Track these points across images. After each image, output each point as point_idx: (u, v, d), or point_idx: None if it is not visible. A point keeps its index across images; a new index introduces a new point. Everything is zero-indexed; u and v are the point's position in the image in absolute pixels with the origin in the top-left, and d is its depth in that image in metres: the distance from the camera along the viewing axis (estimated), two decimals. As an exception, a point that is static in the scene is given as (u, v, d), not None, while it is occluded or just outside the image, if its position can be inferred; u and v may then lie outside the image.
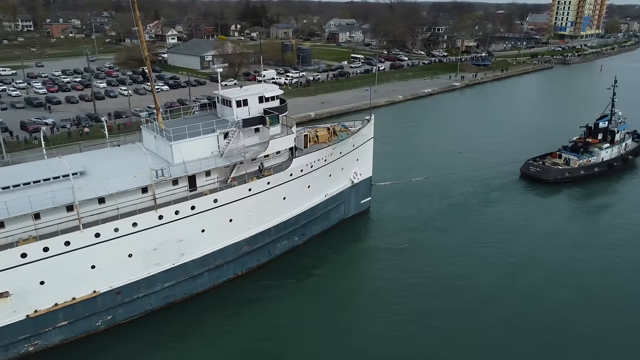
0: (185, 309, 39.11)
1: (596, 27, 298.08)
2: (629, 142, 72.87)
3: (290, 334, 36.52)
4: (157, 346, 35.30)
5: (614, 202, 61.97)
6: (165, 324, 37.52)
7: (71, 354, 34.44)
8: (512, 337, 36.18)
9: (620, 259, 46.84)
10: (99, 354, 34.59)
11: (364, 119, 54.20)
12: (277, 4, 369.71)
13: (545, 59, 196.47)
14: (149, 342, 35.77)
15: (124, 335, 36.40)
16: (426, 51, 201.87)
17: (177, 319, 38.13)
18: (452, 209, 57.01)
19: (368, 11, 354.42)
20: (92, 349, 34.89)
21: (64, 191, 33.05)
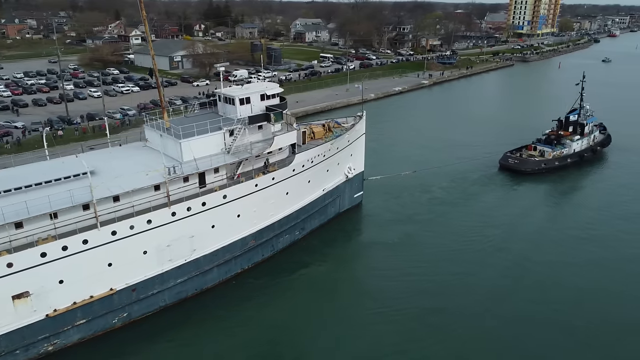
0: (197, 305, 39.74)
1: (551, 25, 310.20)
2: (597, 134, 77.49)
3: (294, 328, 37.36)
4: (171, 342, 35.74)
5: (589, 189, 66.28)
6: (179, 320, 38.05)
7: (89, 353, 34.62)
8: (510, 330, 37.18)
9: (600, 240, 50.38)
10: (116, 351, 34.90)
11: (356, 115, 55.90)
12: (240, 4, 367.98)
13: (507, 57, 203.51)
14: (164, 337, 36.16)
15: (139, 331, 36.79)
16: (393, 50, 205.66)
17: (191, 314, 38.70)
18: (438, 202, 59.26)
19: (331, 11, 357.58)
20: (109, 347, 35.17)
21: (81, 190, 33.28)
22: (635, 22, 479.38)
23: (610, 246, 49.31)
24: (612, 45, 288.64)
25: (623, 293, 41.62)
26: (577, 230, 52.73)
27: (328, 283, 43.33)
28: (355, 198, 56.97)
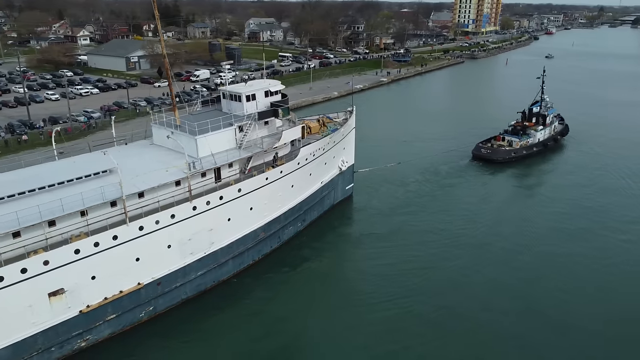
0: (215, 297, 40.93)
1: (494, 24, 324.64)
2: (556, 125, 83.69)
3: (295, 322, 38.52)
4: (195, 333, 36.84)
5: (555, 174, 71.92)
6: (199, 312, 39.12)
7: (119, 348, 35.27)
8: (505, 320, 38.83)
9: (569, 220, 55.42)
10: (143, 345, 35.65)
11: (346, 110, 58.30)
12: (187, 3, 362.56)
13: (457, 54, 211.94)
14: (187, 330, 37.21)
15: (163, 325, 37.67)
16: (348, 49, 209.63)
17: (208, 306, 39.80)
18: (423, 192, 62.75)
19: (281, 10, 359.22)
20: (137, 341, 35.92)
21: (107, 187, 33.91)
22: (568, 21, 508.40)
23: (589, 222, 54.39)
24: (550, 42, 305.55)
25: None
26: (554, 213, 57.57)
27: (329, 277, 44.63)
28: (347, 190, 59.41)
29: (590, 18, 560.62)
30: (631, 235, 51.63)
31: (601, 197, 61.88)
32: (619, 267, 45.82)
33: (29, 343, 31.27)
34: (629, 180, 67.60)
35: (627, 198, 61.88)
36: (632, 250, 48.74)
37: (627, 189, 64.72)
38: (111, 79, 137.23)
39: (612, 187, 65.07)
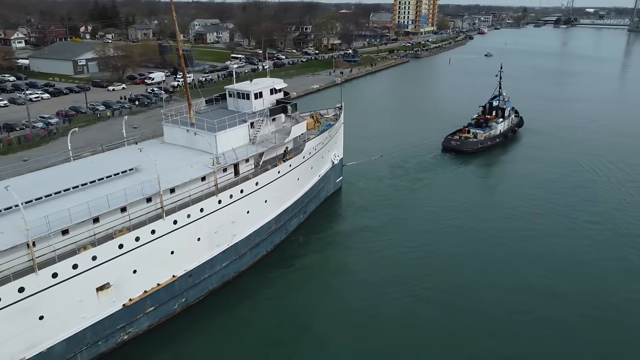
0: (236, 287, 42.69)
1: (431, 24, 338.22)
2: (513, 117, 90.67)
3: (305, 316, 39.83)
4: (224, 323, 38.43)
5: (518, 161, 78.56)
6: (225, 303, 40.76)
7: (157, 339, 36.44)
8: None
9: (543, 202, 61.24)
10: (179, 336, 36.96)
11: (335, 106, 61.26)
12: (124, 4, 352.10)
13: (402, 54, 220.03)
14: (218, 319, 38.86)
15: (194, 316, 39.10)
16: (298, 50, 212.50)
17: (231, 297, 41.45)
18: (404, 183, 66.76)
19: (222, 11, 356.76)
20: (173, 333, 37.18)
21: (144, 183, 35.07)
22: (497, 21, 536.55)
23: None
24: (484, 42, 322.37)
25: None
26: (525, 195, 63.41)
27: (334, 270, 46.49)
28: (337, 183, 62.43)
29: (517, 18, 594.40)
30: (591, 212, 58.21)
31: (561, 180, 68.71)
32: (588, 240, 51.72)
33: (80, 337, 32.03)
34: (582, 163, 75.55)
35: (580, 177, 69.91)
36: (596, 224, 55.06)
37: (581, 171, 72.50)
38: (60, 83, 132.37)
39: (570, 172, 72.24)
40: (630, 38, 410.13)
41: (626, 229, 53.90)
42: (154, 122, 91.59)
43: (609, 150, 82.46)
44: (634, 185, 66.53)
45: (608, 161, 76.28)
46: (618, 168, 73.24)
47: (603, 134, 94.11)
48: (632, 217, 56.74)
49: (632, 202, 61.22)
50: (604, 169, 72.98)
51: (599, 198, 62.46)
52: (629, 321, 38.62)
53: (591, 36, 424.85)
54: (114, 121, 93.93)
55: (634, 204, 60.58)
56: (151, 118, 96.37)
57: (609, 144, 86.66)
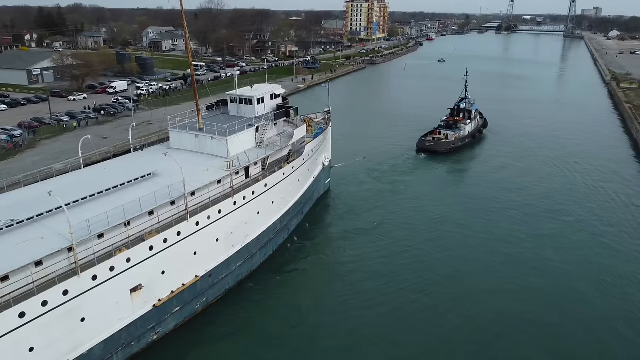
0: (251, 286, 44.22)
1: (382, 31, 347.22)
2: (479, 119, 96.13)
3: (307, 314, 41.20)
4: (245, 319, 39.91)
5: (489, 159, 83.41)
6: (241, 300, 42.22)
7: (183, 337, 37.51)
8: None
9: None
10: (202, 335, 38.21)
11: (323, 111, 63.68)
12: (69, 12, 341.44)
13: (359, 60, 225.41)
14: (237, 317, 40.23)
15: (213, 315, 40.34)
16: (257, 57, 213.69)
17: (247, 295, 42.99)
18: (387, 183, 69.43)
19: (173, 18, 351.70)
20: (196, 331, 38.36)
21: (170, 187, 36.24)
22: (443, 28, 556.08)
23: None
24: (433, 48, 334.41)
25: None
26: (502, 190, 68.27)
27: (333, 271, 47.27)
28: (326, 184, 64.76)
29: (461, 25, 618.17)
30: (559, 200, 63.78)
31: (529, 174, 74.26)
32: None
33: (116, 338, 32.80)
34: (542, 158, 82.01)
35: (543, 171, 75.79)
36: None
37: (544, 166, 78.42)
38: (15, 94, 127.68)
39: (536, 167, 77.97)
40: (566, 43, 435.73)
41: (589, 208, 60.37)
42: (123, 132, 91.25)
43: (561, 145, 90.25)
44: (585, 174, 74.46)
45: (562, 155, 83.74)
46: (573, 162, 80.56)
47: (555, 131, 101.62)
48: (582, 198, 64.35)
49: (582, 187, 68.66)
50: (562, 163, 79.99)
51: (563, 188, 68.92)
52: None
53: (531, 42, 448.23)
54: (81, 132, 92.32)
55: (585, 189, 68.06)
56: (119, 128, 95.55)
57: (561, 139, 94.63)
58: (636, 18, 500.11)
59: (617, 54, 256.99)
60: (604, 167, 77.73)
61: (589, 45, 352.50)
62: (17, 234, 30.29)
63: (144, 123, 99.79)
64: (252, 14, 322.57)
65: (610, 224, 57.21)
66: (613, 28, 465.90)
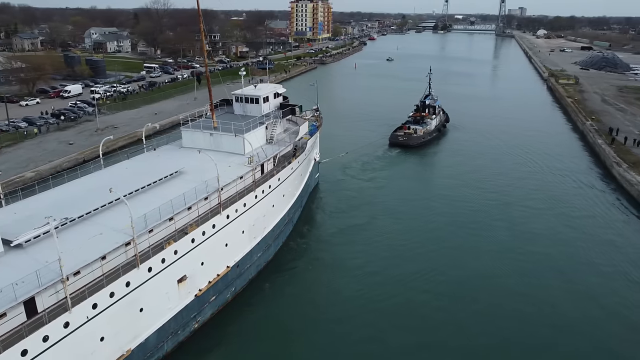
0: (268, 276, 46.59)
1: (327, 31, 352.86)
2: (442, 114, 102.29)
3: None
4: (269, 307, 42.13)
5: (457, 151, 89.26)
6: (263, 289, 44.55)
7: (218, 324, 39.54)
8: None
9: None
10: (234, 323, 40.32)
11: (312, 108, 66.61)
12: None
13: (310, 60, 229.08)
14: (260, 305, 42.38)
15: (240, 303, 42.50)
16: (210, 58, 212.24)
17: (267, 285, 45.25)
18: (369, 177, 73.30)
19: (112, 18, 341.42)
20: (229, 319, 40.48)
21: (204, 183, 38.24)
22: (382, 27, 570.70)
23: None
24: (377, 47, 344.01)
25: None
26: (476, 179, 73.94)
27: (337, 266, 48.70)
28: (316, 179, 67.78)
29: (399, 25, 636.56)
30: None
31: (494, 164, 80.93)
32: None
33: (166, 327, 34.53)
34: (500, 148, 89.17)
35: (503, 159, 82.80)
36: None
37: (502, 154, 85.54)
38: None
39: (499, 157, 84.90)
40: (497, 41, 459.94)
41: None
42: (88, 137, 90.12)
43: (516, 136, 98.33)
44: (542, 161, 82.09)
45: (519, 145, 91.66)
46: (529, 151, 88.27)
47: (509, 124, 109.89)
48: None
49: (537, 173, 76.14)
50: (521, 152, 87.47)
51: (527, 175, 75.72)
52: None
53: (466, 40, 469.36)
54: (42, 138, 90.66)
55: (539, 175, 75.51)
56: (83, 133, 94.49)
57: (514, 131, 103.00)
58: (560, 17, 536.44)
59: (549, 51, 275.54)
60: (557, 155, 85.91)
61: (521, 43, 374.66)
62: (75, 231, 31.46)
63: (109, 127, 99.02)
64: (194, 13, 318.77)
65: (561, 199, 65.84)
66: (540, 27, 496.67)
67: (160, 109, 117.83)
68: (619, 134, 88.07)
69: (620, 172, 70.89)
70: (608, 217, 60.23)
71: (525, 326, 39.45)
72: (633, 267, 48.22)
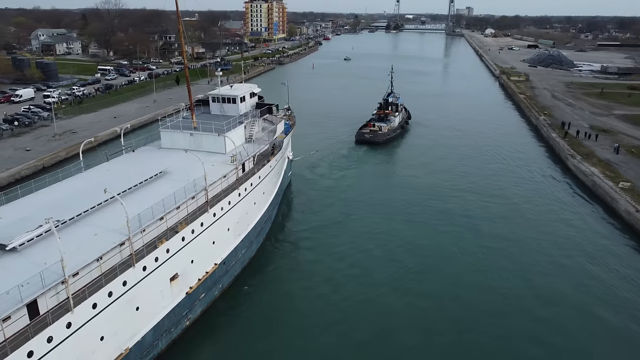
0: (251, 272, 47.40)
1: (282, 31, 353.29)
2: (404, 111, 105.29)
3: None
4: (255, 302, 43.12)
5: (422, 146, 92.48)
6: (247, 285, 45.32)
7: (208, 322, 40.12)
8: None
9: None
10: (223, 319, 40.99)
11: (284, 108, 67.61)
12: None
13: (267, 61, 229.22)
14: (247, 301, 43.24)
15: (228, 298, 43.19)
16: (165, 59, 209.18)
17: (256, 280, 46.17)
18: (339, 174, 74.88)
19: (58, 19, 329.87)
20: (218, 315, 41.08)
21: (191, 182, 38.73)
22: (336, 27, 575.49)
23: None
24: (332, 47, 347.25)
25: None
26: (442, 170, 77.10)
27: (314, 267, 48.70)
28: (289, 177, 68.82)
29: (353, 25, 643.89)
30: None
31: (456, 159, 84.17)
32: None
33: (161, 325, 34.89)
34: (470, 145, 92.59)
35: (464, 151, 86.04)
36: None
37: (463, 147, 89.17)
38: None
39: (460, 151, 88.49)
40: (448, 40, 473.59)
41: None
42: (46, 143, 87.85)
43: (475, 132, 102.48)
44: (499, 154, 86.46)
45: (478, 140, 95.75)
46: (484, 146, 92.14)
47: (467, 120, 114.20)
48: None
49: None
50: (477, 146, 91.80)
51: (487, 167, 79.85)
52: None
53: (418, 39, 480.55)
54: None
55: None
56: (41, 139, 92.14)
57: (473, 127, 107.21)
58: (505, 17, 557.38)
59: (499, 50, 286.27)
60: (515, 148, 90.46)
61: (471, 42, 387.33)
62: (69, 233, 31.43)
63: (67, 132, 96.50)
64: (146, 14, 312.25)
65: (521, 189, 69.66)
66: (487, 26, 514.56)
67: (120, 112, 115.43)
68: (570, 127, 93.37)
69: (574, 163, 75.40)
70: (566, 206, 64.06)
71: (491, 319, 40.70)
72: (589, 253, 51.39)
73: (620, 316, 40.90)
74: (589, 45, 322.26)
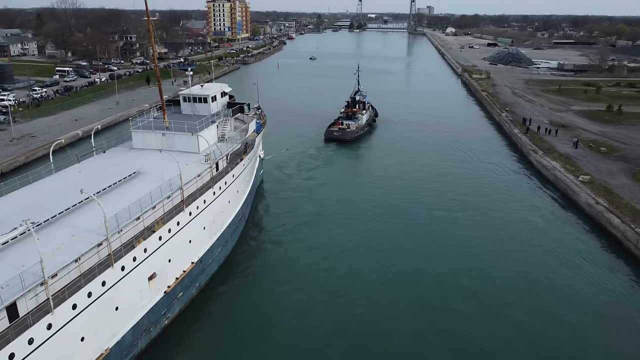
0: (229, 270, 47.63)
1: (246, 31, 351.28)
2: (371, 109, 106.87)
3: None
4: (230, 301, 43.37)
5: (390, 143, 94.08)
6: (225, 283, 45.61)
7: (187, 321, 40.20)
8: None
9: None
10: (201, 317, 41.19)
11: (254, 107, 67.76)
12: None
13: (232, 60, 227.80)
14: (222, 299, 43.45)
15: (206, 298, 43.36)
16: (126, 59, 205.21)
17: (229, 279, 46.40)
18: (310, 172, 75.47)
19: (11, 19, 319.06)
20: (198, 313, 41.21)
21: (167, 182, 38.73)
22: (299, 27, 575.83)
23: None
24: (296, 46, 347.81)
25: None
26: (411, 164, 78.73)
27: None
28: (260, 175, 69.12)
29: (316, 24, 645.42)
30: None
31: (422, 155, 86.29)
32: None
33: (140, 325, 34.82)
34: (435, 141, 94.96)
35: (431, 149, 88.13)
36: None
37: (428, 143, 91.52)
38: None
39: (428, 149, 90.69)
40: (410, 39, 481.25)
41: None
42: (5, 147, 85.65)
43: (437, 129, 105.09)
44: (464, 149, 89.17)
45: (443, 136, 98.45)
46: (448, 142, 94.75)
47: (431, 117, 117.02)
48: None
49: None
50: (441, 142, 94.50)
51: (453, 161, 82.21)
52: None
53: (381, 38, 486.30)
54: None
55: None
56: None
57: (435, 124, 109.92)
58: (465, 16, 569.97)
59: (460, 48, 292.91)
60: (478, 144, 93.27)
61: (433, 40, 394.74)
62: (45, 234, 31.05)
63: (26, 136, 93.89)
64: (105, 14, 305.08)
65: (486, 184, 71.95)
66: (448, 25, 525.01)
67: (81, 114, 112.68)
68: (531, 123, 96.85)
69: (536, 158, 78.37)
70: (529, 199, 66.55)
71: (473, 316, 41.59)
72: (551, 245, 53.27)
73: (575, 309, 41.80)
74: (546, 43, 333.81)
